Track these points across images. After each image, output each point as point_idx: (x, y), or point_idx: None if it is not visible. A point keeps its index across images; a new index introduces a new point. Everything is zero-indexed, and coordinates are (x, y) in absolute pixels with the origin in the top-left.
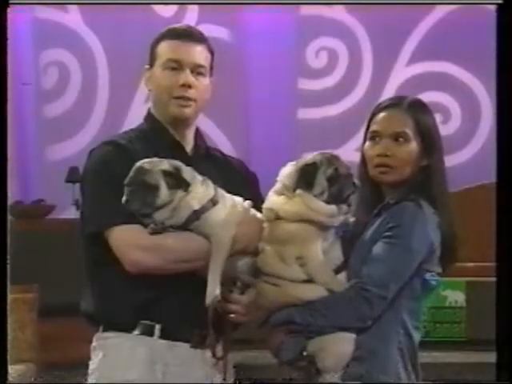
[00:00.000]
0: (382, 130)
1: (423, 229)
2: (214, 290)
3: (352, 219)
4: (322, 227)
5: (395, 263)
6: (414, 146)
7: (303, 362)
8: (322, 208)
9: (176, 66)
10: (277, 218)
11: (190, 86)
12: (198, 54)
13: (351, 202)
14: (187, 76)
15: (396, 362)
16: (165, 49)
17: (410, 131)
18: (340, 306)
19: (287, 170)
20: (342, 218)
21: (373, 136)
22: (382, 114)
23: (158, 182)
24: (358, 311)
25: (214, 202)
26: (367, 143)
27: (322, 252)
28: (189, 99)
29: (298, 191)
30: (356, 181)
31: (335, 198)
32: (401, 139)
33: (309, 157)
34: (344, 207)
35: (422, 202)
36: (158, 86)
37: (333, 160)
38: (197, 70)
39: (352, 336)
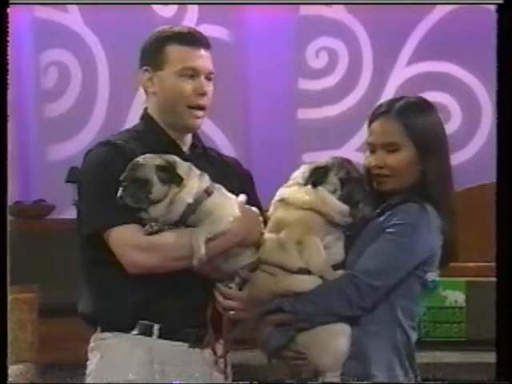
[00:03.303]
0: (374, 142)
1: (426, 232)
2: (198, 250)
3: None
4: (330, 222)
5: (392, 259)
6: (406, 153)
7: (290, 352)
8: (334, 203)
9: (192, 74)
10: (285, 206)
11: (204, 94)
12: (209, 59)
13: (361, 208)
14: (204, 85)
15: (391, 359)
16: (177, 55)
17: (399, 139)
18: (329, 292)
19: (300, 170)
20: (350, 220)
21: (369, 147)
22: (374, 124)
23: (150, 176)
24: (347, 297)
25: (208, 192)
26: (366, 153)
27: (325, 245)
28: (203, 108)
29: (310, 186)
30: (367, 187)
31: (345, 200)
32: (392, 149)
33: (321, 160)
34: (354, 210)
35: (426, 204)
36: (171, 92)
37: (345, 164)
38: (208, 76)
39: (348, 332)
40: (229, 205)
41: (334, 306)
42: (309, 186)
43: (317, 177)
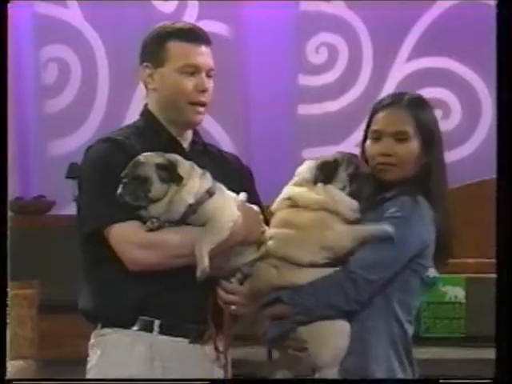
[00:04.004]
0: (383, 129)
1: (418, 224)
2: (202, 263)
3: None
4: (342, 219)
5: (386, 252)
6: (414, 144)
7: (289, 341)
8: (345, 200)
9: (193, 70)
10: (294, 206)
11: (205, 91)
12: (210, 56)
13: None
14: (205, 81)
15: (388, 353)
16: (178, 51)
17: (410, 129)
18: (327, 286)
19: (306, 166)
20: (359, 215)
21: (374, 135)
22: (382, 113)
23: (150, 175)
24: (344, 291)
25: (210, 193)
26: (368, 142)
27: None
28: (204, 104)
29: (320, 184)
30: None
31: (354, 196)
32: (402, 138)
33: (328, 155)
34: (362, 205)
35: (418, 197)
36: (172, 89)
37: (353, 159)
38: (209, 73)
39: (348, 329)
40: (229, 207)
41: (332, 299)
42: (319, 185)
43: (326, 173)
